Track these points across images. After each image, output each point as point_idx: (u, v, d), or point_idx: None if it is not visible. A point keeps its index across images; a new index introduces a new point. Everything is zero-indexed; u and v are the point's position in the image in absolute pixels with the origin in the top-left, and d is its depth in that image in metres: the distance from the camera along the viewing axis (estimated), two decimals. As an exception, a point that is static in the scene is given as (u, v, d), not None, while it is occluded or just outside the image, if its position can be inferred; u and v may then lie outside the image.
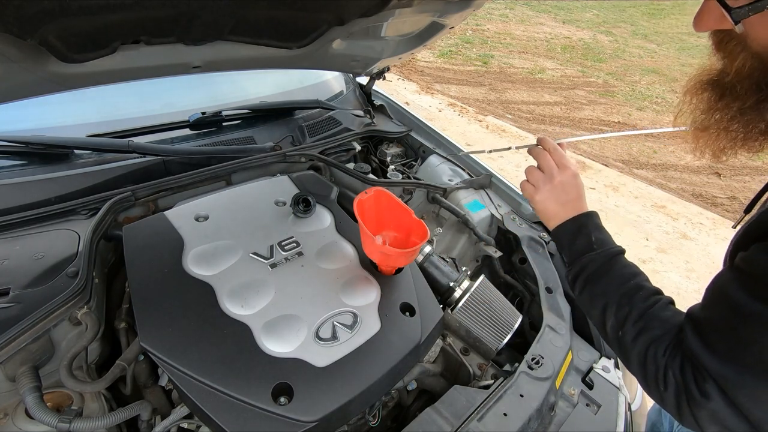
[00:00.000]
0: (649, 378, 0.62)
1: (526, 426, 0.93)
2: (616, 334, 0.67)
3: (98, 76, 1.03)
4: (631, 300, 0.67)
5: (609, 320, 0.68)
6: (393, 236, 1.09)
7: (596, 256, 0.73)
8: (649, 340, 0.63)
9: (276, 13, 1.00)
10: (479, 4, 1.23)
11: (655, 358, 0.62)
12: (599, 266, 0.72)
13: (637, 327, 0.65)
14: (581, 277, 0.74)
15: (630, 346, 0.65)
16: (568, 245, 0.77)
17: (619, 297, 0.68)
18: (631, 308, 0.66)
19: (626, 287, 0.69)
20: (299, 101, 1.76)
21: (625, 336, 0.66)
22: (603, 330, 0.71)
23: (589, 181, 4.38)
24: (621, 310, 0.67)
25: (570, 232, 0.77)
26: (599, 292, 0.71)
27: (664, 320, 0.64)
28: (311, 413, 0.78)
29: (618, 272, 0.71)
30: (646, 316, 0.65)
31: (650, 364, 0.62)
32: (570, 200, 0.79)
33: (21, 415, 0.79)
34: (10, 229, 1.05)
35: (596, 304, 0.71)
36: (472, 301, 1.16)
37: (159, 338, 0.84)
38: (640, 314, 0.66)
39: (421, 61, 7.55)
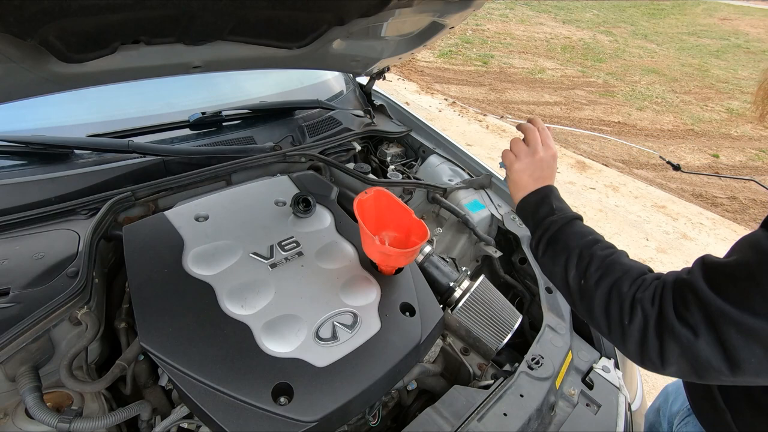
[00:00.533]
0: (612, 315, 0.64)
1: (526, 426, 0.93)
2: (579, 284, 0.69)
3: (98, 76, 1.03)
4: (590, 249, 0.71)
5: (570, 272, 0.71)
6: (393, 236, 1.09)
7: (556, 218, 0.78)
8: (612, 280, 0.66)
9: (276, 13, 1.00)
10: (479, 4, 1.23)
11: (619, 294, 0.64)
12: (559, 227, 0.76)
13: (599, 271, 0.67)
14: (543, 239, 0.78)
15: (593, 290, 0.67)
16: (532, 214, 0.82)
17: (579, 249, 0.72)
18: (592, 256, 0.70)
19: (585, 240, 0.73)
20: (299, 101, 1.76)
21: (588, 281, 0.68)
22: (565, 284, 0.72)
23: (589, 181, 4.38)
24: (582, 259, 0.70)
25: (533, 202, 0.82)
26: (560, 248, 0.74)
27: (625, 264, 0.67)
28: (311, 413, 0.78)
29: (577, 230, 0.75)
30: (608, 262, 0.68)
31: (614, 302, 0.64)
32: (543, 177, 0.84)
33: (21, 415, 0.79)
34: (10, 229, 1.05)
35: (558, 261, 0.74)
36: (472, 301, 1.16)
37: (159, 338, 0.84)
38: (601, 260, 0.69)
39: (421, 61, 7.56)
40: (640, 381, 1.27)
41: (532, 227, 0.81)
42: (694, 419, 1.00)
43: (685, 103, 7.00)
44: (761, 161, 5.27)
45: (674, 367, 0.58)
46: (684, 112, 6.65)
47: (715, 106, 6.98)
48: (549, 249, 0.76)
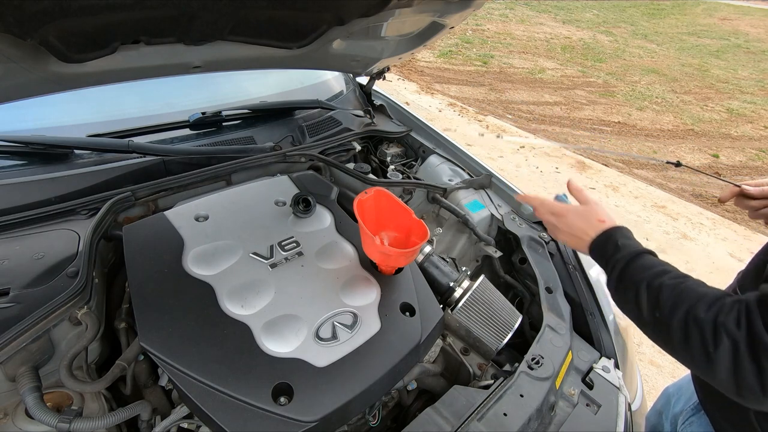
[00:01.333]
0: (693, 344, 0.60)
1: (526, 426, 0.93)
2: (653, 317, 0.66)
3: (98, 76, 1.03)
4: (659, 280, 0.68)
5: (643, 306, 0.68)
6: (393, 236, 1.09)
7: (621, 255, 0.76)
8: (686, 307, 0.62)
9: (276, 13, 1.00)
10: (479, 4, 1.23)
11: (696, 320, 0.60)
12: (626, 263, 0.74)
13: (671, 300, 0.64)
14: (611, 279, 0.76)
15: (668, 320, 0.64)
16: (600, 257, 0.81)
17: (647, 281, 0.69)
18: (661, 286, 0.66)
19: (652, 272, 0.70)
20: (299, 101, 1.76)
21: (662, 312, 0.65)
22: (641, 320, 0.70)
23: (589, 181, 4.38)
24: (651, 291, 0.67)
25: (598, 244, 0.82)
26: (628, 284, 0.72)
27: (698, 291, 0.64)
28: (311, 413, 0.78)
29: (644, 263, 0.73)
30: (679, 289, 0.65)
31: (693, 329, 0.60)
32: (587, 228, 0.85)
33: (21, 415, 0.79)
34: (10, 229, 1.05)
35: (628, 297, 0.71)
36: (472, 301, 1.16)
37: (159, 338, 0.84)
38: (671, 288, 0.65)
39: (421, 61, 7.56)
40: (640, 381, 1.27)
41: (604, 270, 0.80)
42: (699, 418, 0.99)
43: (685, 103, 7.00)
44: (761, 161, 5.27)
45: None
46: (684, 112, 6.65)
47: (715, 106, 6.98)
48: (619, 287, 0.74)
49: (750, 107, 7.02)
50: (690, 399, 1.07)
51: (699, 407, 1.01)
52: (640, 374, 1.30)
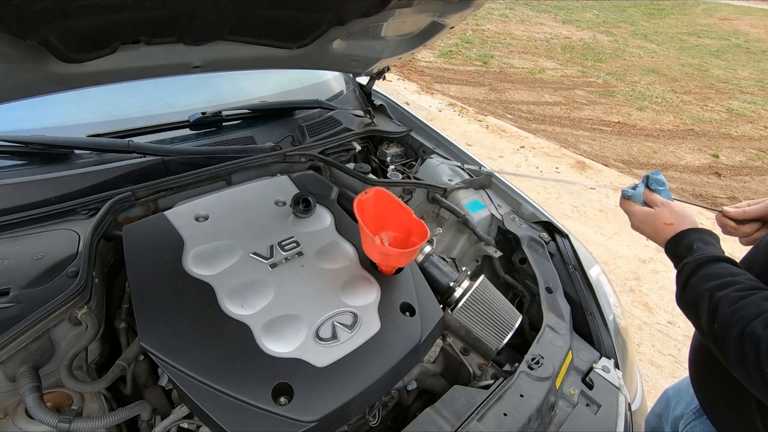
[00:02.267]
0: (750, 362, 0.57)
1: (526, 426, 0.93)
2: (711, 328, 0.63)
3: (98, 76, 1.03)
4: (724, 291, 0.64)
5: (702, 317, 0.65)
6: (393, 236, 1.09)
7: (691, 260, 0.73)
8: (744, 323, 0.59)
9: (276, 13, 1.00)
10: (479, 4, 1.23)
11: (753, 337, 0.57)
12: (692, 269, 0.71)
13: (729, 314, 0.61)
14: (678, 283, 0.74)
15: (724, 334, 0.60)
16: (673, 257, 0.79)
17: (710, 292, 0.66)
18: (722, 298, 0.63)
19: (719, 282, 0.66)
20: (299, 101, 1.76)
21: (720, 325, 0.61)
22: (701, 331, 0.67)
23: (589, 181, 4.37)
24: (712, 303, 0.64)
25: (672, 247, 0.81)
26: (691, 291, 0.69)
27: (761, 307, 0.60)
28: (311, 413, 0.78)
29: (713, 271, 0.69)
30: (740, 303, 0.61)
31: (748, 346, 0.57)
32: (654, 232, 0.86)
33: (21, 415, 0.79)
34: (10, 229, 1.05)
35: (689, 305, 0.69)
36: (472, 301, 1.16)
37: (159, 338, 0.84)
38: (733, 302, 0.62)
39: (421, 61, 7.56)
40: (640, 381, 1.27)
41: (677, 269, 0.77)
42: (701, 423, 0.99)
43: (685, 103, 7.00)
44: (761, 161, 5.27)
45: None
46: (684, 112, 6.65)
47: (715, 106, 6.98)
48: (683, 295, 0.72)
49: (750, 107, 7.02)
50: (691, 403, 1.06)
51: (701, 411, 1.00)
52: (640, 374, 1.29)
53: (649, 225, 0.86)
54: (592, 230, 3.55)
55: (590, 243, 3.32)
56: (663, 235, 0.83)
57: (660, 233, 0.83)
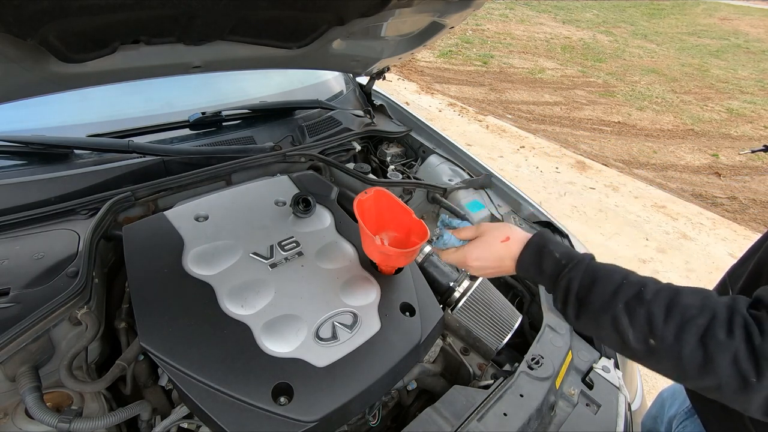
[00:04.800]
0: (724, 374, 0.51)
1: (526, 426, 0.93)
2: (647, 344, 0.56)
3: (98, 76, 1.03)
4: (640, 300, 0.58)
5: (628, 333, 0.58)
6: (393, 236, 1.09)
7: (569, 270, 0.65)
8: (700, 329, 0.53)
9: (276, 13, 1.00)
10: (479, 4, 1.23)
11: (721, 345, 0.51)
12: (581, 280, 0.63)
13: (673, 324, 0.55)
14: (569, 302, 0.64)
15: (676, 348, 0.54)
16: (538, 273, 0.69)
17: (624, 303, 0.59)
18: (649, 307, 0.57)
19: (624, 290, 0.60)
20: (299, 101, 1.76)
21: (664, 339, 0.55)
22: (626, 347, 0.59)
23: (589, 181, 4.37)
24: (635, 315, 0.57)
25: (531, 261, 0.70)
26: (598, 307, 0.61)
27: (699, 306, 0.55)
28: (311, 413, 0.78)
29: (605, 278, 0.62)
30: (675, 308, 0.56)
31: (720, 356, 0.51)
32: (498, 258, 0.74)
33: (21, 415, 0.79)
34: (10, 229, 1.05)
35: (603, 323, 0.60)
36: (472, 301, 1.16)
37: (159, 338, 0.84)
38: (665, 309, 0.56)
39: (421, 61, 7.56)
40: (640, 381, 1.27)
41: (547, 288, 0.68)
42: (692, 422, 0.99)
43: (685, 103, 7.00)
44: (761, 161, 5.27)
45: None
46: (684, 112, 6.65)
47: (715, 106, 6.98)
48: (583, 312, 0.63)
49: (750, 107, 7.02)
50: (684, 402, 1.06)
51: (692, 411, 1.01)
52: (640, 374, 1.29)
53: (487, 253, 0.74)
54: (592, 230, 3.55)
55: (590, 243, 3.32)
56: (510, 253, 0.72)
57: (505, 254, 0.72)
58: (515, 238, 0.74)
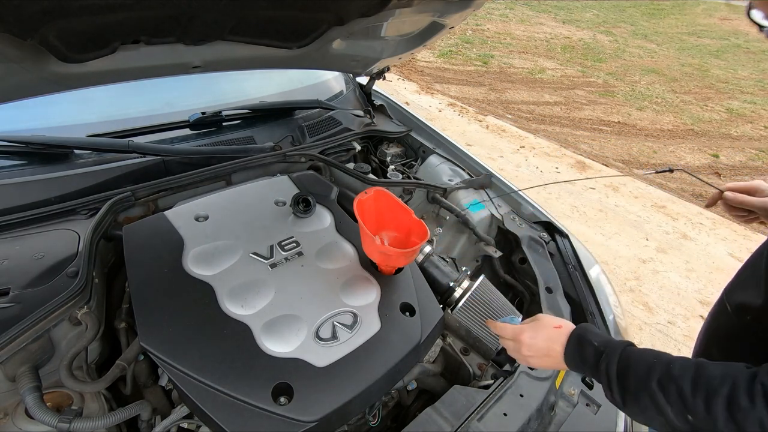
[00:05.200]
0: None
1: (526, 426, 0.93)
2: (687, 421, 0.57)
3: (98, 76, 1.03)
4: (670, 376, 0.60)
5: (667, 411, 0.59)
6: (393, 236, 1.09)
7: (608, 357, 0.68)
8: (725, 400, 0.55)
9: (276, 13, 1.00)
10: (479, 4, 1.23)
11: (746, 412, 0.53)
12: (618, 364, 0.66)
13: (701, 397, 0.56)
14: (612, 387, 0.66)
15: (710, 421, 0.55)
16: (582, 363, 0.72)
17: (657, 381, 0.61)
18: (678, 382, 0.59)
19: (656, 369, 0.62)
20: (299, 101, 1.76)
21: (697, 414, 0.56)
22: (673, 427, 0.60)
23: (589, 181, 4.38)
24: (669, 392, 0.59)
25: (575, 352, 0.73)
26: (635, 388, 0.63)
27: (721, 375, 0.57)
28: (311, 413, 0.78)
29: (638, 359, 0.65)
30: (700, 381, 0.57)
31: (748, 424, 0.53)
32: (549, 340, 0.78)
33: (21, 415, 0.79)
34: (10, 229, 1.05)
35: (644, 405, 0.62)
36: (472, 301, 1.16)
37: (159, 338, 0.84)
38: (692, 384, 0.58)
39: (421, 61, 7.56)
40: (640, 381, 1.27)
41: (596, 378, 0.70)
42: None
43: (685, 103, 7.00)
44: (761, 161, 5.27)
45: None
46: (684, 112, 6.65)
47: (715, 106, 6.98)
48: (626, 396, 0.64)
49: (750, 107, 7.02)
50: None
51: None
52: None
53: (540, 333, 0.78)
54: (592, 230, 3.55)
55: (590, 243, 3.32)
56: (559, 339, 0.75)
57: (555, 338, 0.76)
58: (567, 327, 0.77)
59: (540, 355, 0.78)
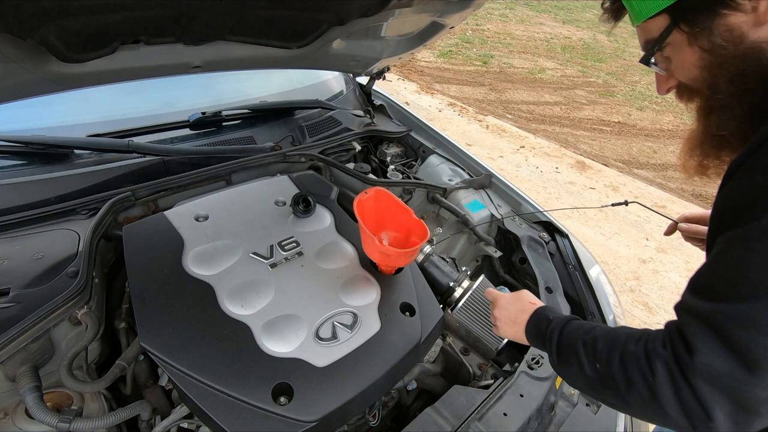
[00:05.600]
0: (636, 381, 0.58)
1: (526, 426, 0.93)
2: (596, 371, 0.64)
3: (98, 76, 1.03)
4: (592, 333, 0.67)
5: (585, 365, 0.66)
6: (393, 236, 1.09)
7: (554, 325, 0.75)
8: (620, 349, 0.61)
9: (276, 13, 1.00)
10: (479, 4, 1.23)
11: (630, 355, 0.59)
12: (560, 332, 0.73)
13: (606, 348, 0.63)
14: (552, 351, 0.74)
15: (608, 368, 0.62)
16: (537, 335, 0.79)
17: (582, 340, 0.68)
18: (595, 338, 0.66)
19: (584, 329, 0.70)
20: (299, 101, 1.76)
21: (602, 362, 0.63)
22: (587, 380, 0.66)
23: (589, 181, 4.38)
24: (587, 347, 0.66)
25: (534, 323, 0.81)
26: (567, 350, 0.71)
27: (627, 331, 0.64)
28: (311, 413, 0.78)
29: (576, 326, 0.73)
30: (610, 336, 0.64)
31: (631, 366, 0.59)
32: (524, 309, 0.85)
33: (21, 415, 0.79)
34: (10, 229, 1.05)
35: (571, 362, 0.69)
36: (472, 301, 1.16)
37: (159, 338, 0.84)
38: (604, 337, 0.65)
39: (421, 61, 7.56)
40: (640, 381, 1.27)
41: (543, 348, 0.78)
42: None
43: (685, 103, 6.99)
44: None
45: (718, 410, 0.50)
46: (684, 112, 6.64)
47: (715, 106, 6.97)
48: (560, 358, 0.72)
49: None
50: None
51: None
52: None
53: (518, 302, 0.86)
54: (592, 230, 3.55)
55: (590, 243, 3.32)
56: (527, 312, 0.83)
57: (526, 310, 0.83)
58: (539, 304, 0.84)
59: (508, 321, 0.85)
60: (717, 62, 0.61)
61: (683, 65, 0.67)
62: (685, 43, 0.64)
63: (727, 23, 0.58)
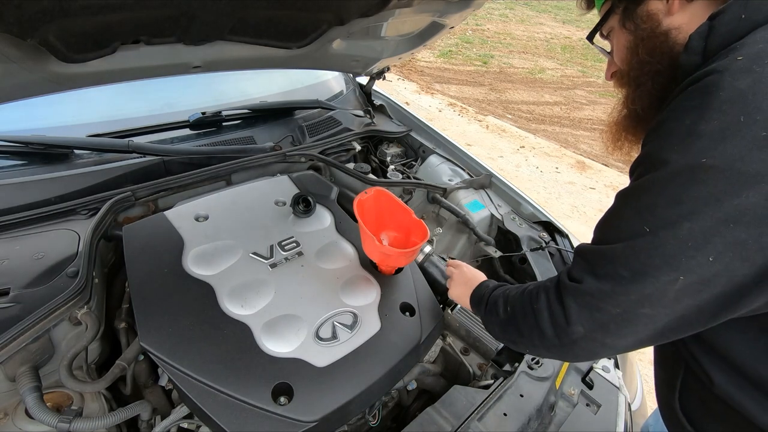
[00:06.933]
0: (526, 308, 0.71)
1: (526, 426, 0.93)
2: (507, 314, 0.77)
3: (98, 76, 1.03)
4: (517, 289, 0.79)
5: (500, 312, 0.78)
6: (393, 236, 1.09)
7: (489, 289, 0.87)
8: (527, 292, 0.74)
9: (276, 13, 1.00)
10: (479, 4, 1.23)
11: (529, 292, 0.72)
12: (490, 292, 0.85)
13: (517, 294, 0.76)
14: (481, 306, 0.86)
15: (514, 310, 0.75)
16: (476, 299, 0.90)
17: (504, 295, 0.81)
18: (513, 291, 0.79)
19: (509, 287, 0.83)
20: (299, 101, 1.76)
21: (512, 305, 0.76)
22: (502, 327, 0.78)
23: (589, 181, 4.37)
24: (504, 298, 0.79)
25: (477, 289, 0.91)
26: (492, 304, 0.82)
27: (537, 282, 0.75)
28: (311, 413, 0.78)
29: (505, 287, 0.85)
30: (523, 286, 0.77)
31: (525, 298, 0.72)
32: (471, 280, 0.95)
33: (21, 415, 0.79)
34: (10, 229, 1.04)
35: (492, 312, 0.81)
36: (472, 301, 1.16)
37: (159, 338, 0.84)
38: (517, 287, 0.79)
39: (421, 61, 7.56)
40: (640, 381, 1.27)
41: (477, 307, 0.89)
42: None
43: (685, 103, 6.98)
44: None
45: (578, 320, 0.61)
46: (684, 112, 6.64)
47: (715, 106, 6.97)
48: (487, 308, 0.84)
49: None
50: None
51: None
52: (640, 374, 1.29)
53: (473, 272, 0.98)
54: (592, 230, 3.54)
55: (590, 243, 3.31)
56: (479, 280, 0.94)
57: (477, 279, 0.94)
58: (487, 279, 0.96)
59: (461, 282, 0.96)
60: (635, 42, 0.71)
61: (618, 48, 0.76)
62: (620, 26, 0.74)
63: (648, 9, 0.69)
